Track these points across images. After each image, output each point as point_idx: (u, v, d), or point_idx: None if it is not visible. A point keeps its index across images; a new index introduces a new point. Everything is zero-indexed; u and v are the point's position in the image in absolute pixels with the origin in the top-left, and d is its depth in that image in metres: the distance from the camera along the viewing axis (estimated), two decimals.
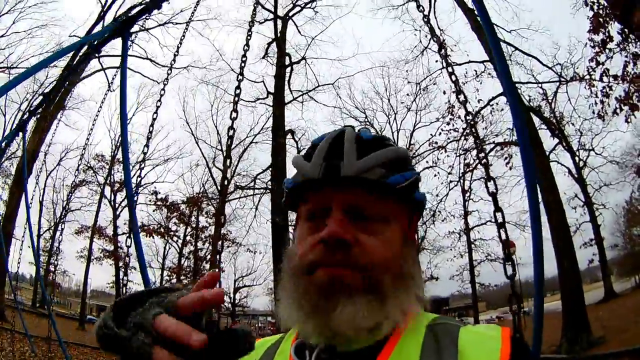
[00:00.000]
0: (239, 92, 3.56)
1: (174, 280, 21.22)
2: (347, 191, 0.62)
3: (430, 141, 16.56)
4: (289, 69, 16.32)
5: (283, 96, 14.77)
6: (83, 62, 4.59)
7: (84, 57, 4.57)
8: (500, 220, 2.53)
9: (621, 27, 6.39)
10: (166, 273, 23.17)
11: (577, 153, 17.94)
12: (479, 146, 2.82)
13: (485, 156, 2.69)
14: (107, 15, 13.02)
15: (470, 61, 15.38)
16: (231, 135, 3.47)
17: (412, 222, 0.70)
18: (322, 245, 0.60)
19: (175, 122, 43.41)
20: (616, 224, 23.80)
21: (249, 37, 3.98)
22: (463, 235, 20.75)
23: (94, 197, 23.26)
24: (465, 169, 17.42)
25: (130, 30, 4.19)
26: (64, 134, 48.85)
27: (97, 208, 22.52)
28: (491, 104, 15.21)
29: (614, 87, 7.86)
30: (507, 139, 15.68)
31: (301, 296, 0.60)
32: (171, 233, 22.67)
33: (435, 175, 16.96)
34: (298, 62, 17.58)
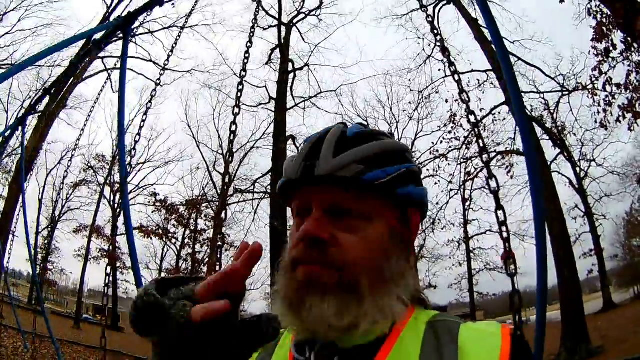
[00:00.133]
0: (241, 88, 3.59)
1: None
2: (324, 190, 0.62)
3: (432, 150, 16.55)
4: (291, 75, 16.38)
5: (285, 102, 14.82)
6: (85, 58, 4.59)
7: (85, 52, 4.59)
8: (502, 218, 2.53)
9: (624, 35, 6.42)
10: (163, 275, 23.02)
11: (579, 164, 17.97)
12: (480, 142, 2.79)
13: (487, 154, 2.69)
14: (113, 16, 13.12)
15: (472, 70, 15.41)
16: (234, 133, 3.47)
17: (406, 218, 0.67)
18: (302, 243, 0.61)
19: (177, 125, 43.55)
20: (616, 234, 23.87)
21: (252, 34, 4.00)
22: (462, 244, 20.73)
23: (93, 196, 23.24)
24: (466, 177, 17.41)
25: (132, 26, 4.21)
26: (66, 133, 49.13)
27: (96, 208, 22.50)
28: (493, 113, 15.23)
29: (616, 96, 7.88)
30: (509, 148, 15.69)
31: (284, 292, 0.62)
32: (169, 235, 22.63)
33: (435, 184, 16.94)
34: (301, 68, 17.64)
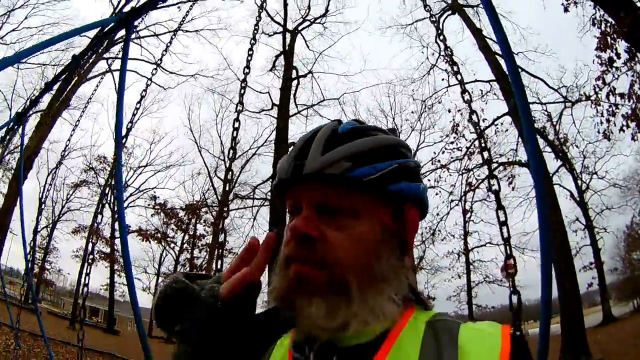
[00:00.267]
0: (244, 85, 3.60)
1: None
2: (313, 188, 0.62)
3: (433, 160, 16.51)
4: (295, 82, 16.36)
5: (288, 109, 14.74)
6: (87, 52, 4.60)
7: (88, 46, 4.61)
8: (503, 218, 2.50)
9: (628, 45, 6.44)
10: (161, 279, 23.03)
11: (580, 176, 17.93)
12: (482, 142, 2.76)
13: (488, 152, 2.65)
14: None
15: (476, 80, 15.43)
16: (237, 129, 3.45)
17: (401, 215, 0.65)
18: (293, 241, 0.61)
19: (179, 130, 43.72)
20: (616, 248, 23.76)
21: (256, 31, 4.01)
22: (462, 256, 20.62)
23: (94, 197, 23.23)
24: (467, 188, 17.33)
25: (136, 21, 4.23)
26: (69, 133, 49.20)
27: (95, 210, 22.46)
28: (495, 123, 15.20)
29: (620, 106, 7.90)
30: (511, 159, 15.65)
31: (277, 292, 0.61)
32: (168, 239, 22.57)
33: (436, 194, 16.89)
34: (304, 75, 17.58)
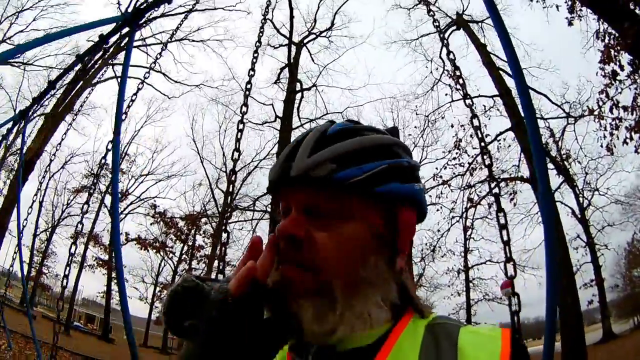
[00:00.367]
0: (249, 87, 3.60)
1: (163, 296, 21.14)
2: (299, 190, 0.61)
3: (435, 176, 16.45)
4: (299, 95, 16.36)
5: (291, 122, 14.68)
6: (91, 52, 4.63)
7: (91, 46, 4.63)
8: (503, 221, 2.46)
9: (631, 58, 6.44)
10: (158, 289, 22.89)
11: (582, 192, 17.85)
12: (483, 149, 2.73)
13: (489, 155, 2.63)
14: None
15: (479, 95, 15.42)
16: (241, 131, 3.43)
17: (393, 217, 0.63)
18: (281, 242, 0.60)
19: (182, 140, 43.83)
20: (617, 265, 23.54)
21: (261, 34, 4.03)
22: (462, 273, 20.42)
23: (94, 204, 23.19)
24: (469, 205, 17.20)
25: (140, 22, 4.26)
26: (72, 138, 49.54)
27: (95, 216, 22.41)
28: (498, 139, 15.17)
29: (623, 119, 7.88)
30: (513, 175, 15.57)
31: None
32: (167, 249, 22.46)
33: (437, 210, 16.80)
34: (309, 88, 17.59)
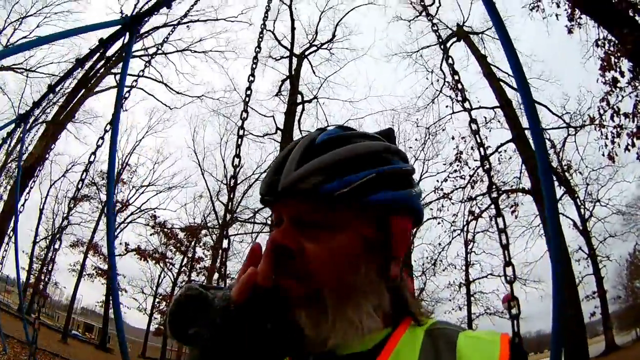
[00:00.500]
0: (249, 93, 3.58)
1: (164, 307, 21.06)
2: (289, 203, 0.61)
3: (436, 190, 16.41)
4: (300, 107, 16.37)
5: (292, 134, 14.71)
6: (90, 56, 4.64)
7: (90, 51, 4.64)
8: (502, 225, 2.42)
9: (631, 64, 6.44)
10: (157, 300, 22.78)
11: (583, 204, 17.75)
12: (482, 150, 2.70)
13: (488, 161, 2.60)
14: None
15: (480, 107, 15.42)
16: (241, 137, 3.40)
17: (386, 226, 0.62)
18: (274, 253, 0.60)
19: (183, 151, 43.94)
20: (619, 276, 23.32)
21: (260, 39, 4.02)
22: (463, 287, 20.26)
23: (94, 213, 23.14)
24: (470, 218, 17.11)
25: (139, 27, 4.28)
26: (74, 147, 49.87)
27: (95, 225, 22.35)
28: (499, 150, 15.13)
29: (624, 127, 7.86)
30: (514, 186, 15.52)
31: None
32: (167, 260, 22.37)
33: (439, 224, 16.72)
34: (310, 100, 17.59)
